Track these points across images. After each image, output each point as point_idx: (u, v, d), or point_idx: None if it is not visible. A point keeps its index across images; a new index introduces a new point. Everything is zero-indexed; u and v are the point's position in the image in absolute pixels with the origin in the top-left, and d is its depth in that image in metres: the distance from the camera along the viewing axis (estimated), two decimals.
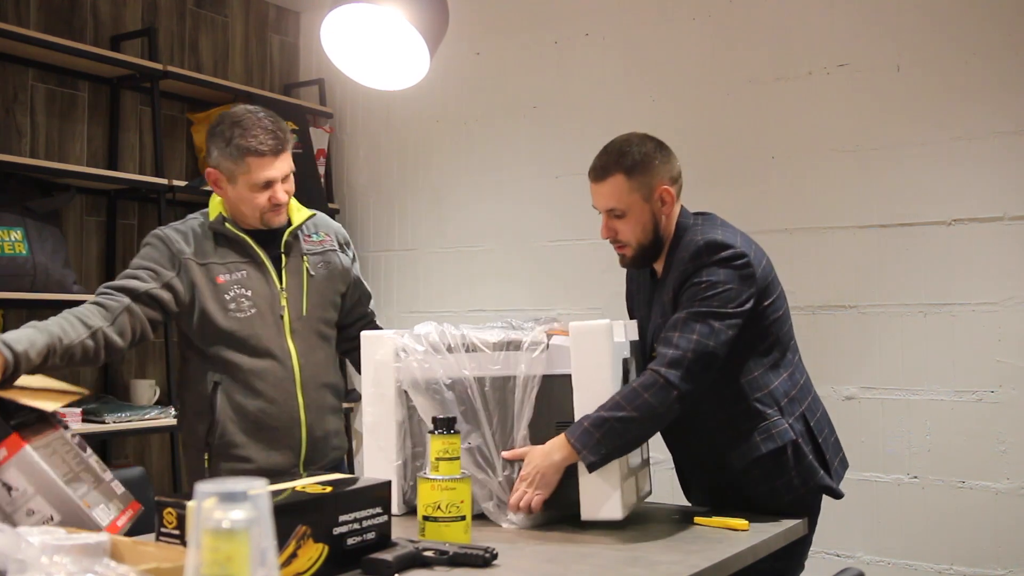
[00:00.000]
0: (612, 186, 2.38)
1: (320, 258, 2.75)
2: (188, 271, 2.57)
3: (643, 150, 2.40)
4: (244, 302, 2.60)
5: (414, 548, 1.83)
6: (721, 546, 2.03)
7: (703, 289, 2.28)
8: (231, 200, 2.62)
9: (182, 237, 2.61)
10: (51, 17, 4.07)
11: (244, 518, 0.90)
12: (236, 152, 2.53)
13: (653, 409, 2.17)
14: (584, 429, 2.16)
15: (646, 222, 2.40)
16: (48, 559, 1.33)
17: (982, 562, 3.33)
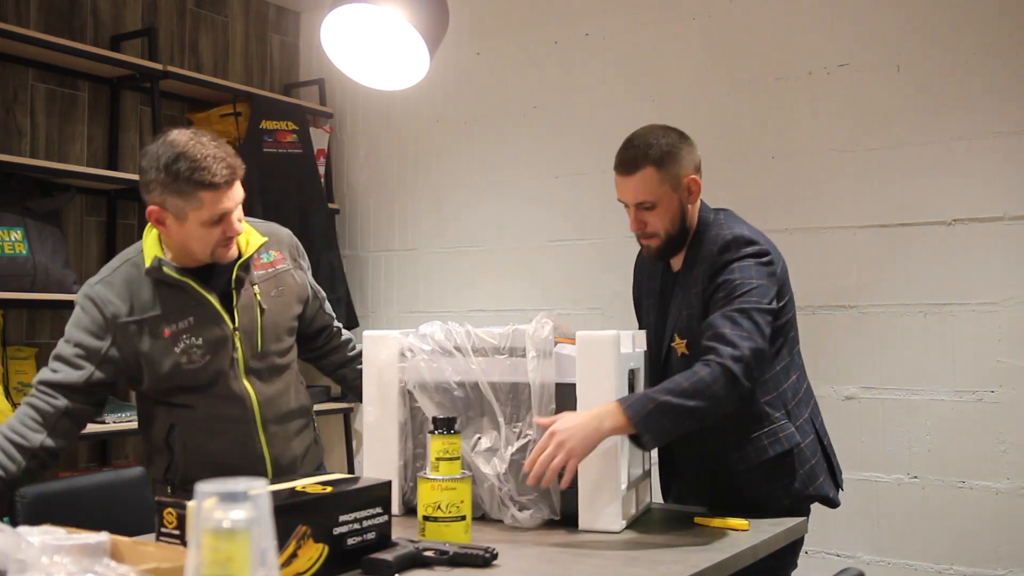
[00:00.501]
0: (642, 179, 2.40)
1: (273, 284, 2.52)
2: (126, 335, 2.35)
3: (669, 141, 2.43)
4: (195, 352, 2.37)
5: (414, 548, 1.83)
6: (721, 546, 2.03)
7: (739, 285, 2.28)
8: (177, 239, 2.35)
9: (116, 294, 2.36)
10: (51, 17, 4.07)
11: (244, 518, 0.90)
12: (187, 187, 2.25)
13: (719, 403, 2.15)
14: (649, 411, 2.10)
15: (675, 213, 2.43)
16: (48, 559, 1.33)
17: (982, 562, 3.33)
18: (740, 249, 2.34)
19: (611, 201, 4.14)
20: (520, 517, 2.20)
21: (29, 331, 3.95)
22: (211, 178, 2.24)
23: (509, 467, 2.23)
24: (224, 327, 2.40)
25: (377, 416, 2.37)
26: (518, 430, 2.24)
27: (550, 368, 2.23)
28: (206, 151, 2.26)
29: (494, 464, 2.24)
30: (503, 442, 2.25)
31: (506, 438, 2.25)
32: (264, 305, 2.47)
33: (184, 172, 2.24)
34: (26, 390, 3.79)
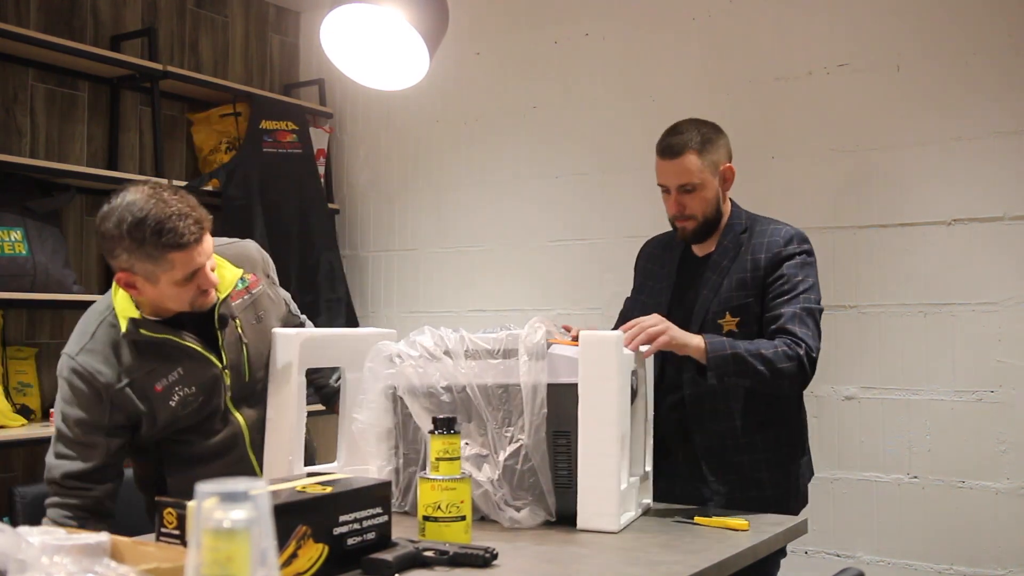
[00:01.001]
0: (688, 163, 2.60)
1: (251, 312, 2.47)
2: (122, 399, 2.28)
3: (708, 130, 2.66)
4: (190, 400, 2.33)
5: (414, 548, 1.83)
6: (721, 546, 2.03)
7: (801, 281, 2.53)
8: (151, 300, 2.27)
9: (101, 361, 2.27)
10: (51, 17, 4.07)
11: (244, 518, 0.90)
12: (156, 251, 2.15)
13: (781, 382, 2.41)
14: (724, 356, 2.35)
15: (713, 197, 2.64)
16: (48, 559, 1.33)
17: (982, 562, 3.33)
18: (802, 245, 2.59)
19: (611, 201, 4.17)
20: (519, 516, 2.20)
21: (29, 331, 3.95)
22: (179, 239, 2.14)
23: (503, 472, 2.22)
24: (213, 368, 2.36)
25: (366, 422, 2.36)
26: (510, 434, 2.24)
27: (542, 370, 2.23)
28: (170, 209, 2.14)
29: (486, 470, 2.23)
30: (492, 447, 2.24)
31: (496, 443, 2.24)
32: (246, 338, 2.42)
33: (151, 236, 2.13)
34: (26, 390, 3.79)
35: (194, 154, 4.63)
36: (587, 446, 2.19)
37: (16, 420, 3.60)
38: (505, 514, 2.21)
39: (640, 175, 4.06)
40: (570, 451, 2.22)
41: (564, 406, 2.22)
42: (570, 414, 2.22)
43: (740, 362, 2.36)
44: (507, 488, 2.22)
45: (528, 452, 2.21)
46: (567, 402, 2.22)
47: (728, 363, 2.36)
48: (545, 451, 2.21)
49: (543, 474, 2.21)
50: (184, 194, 2.23)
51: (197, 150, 4.61)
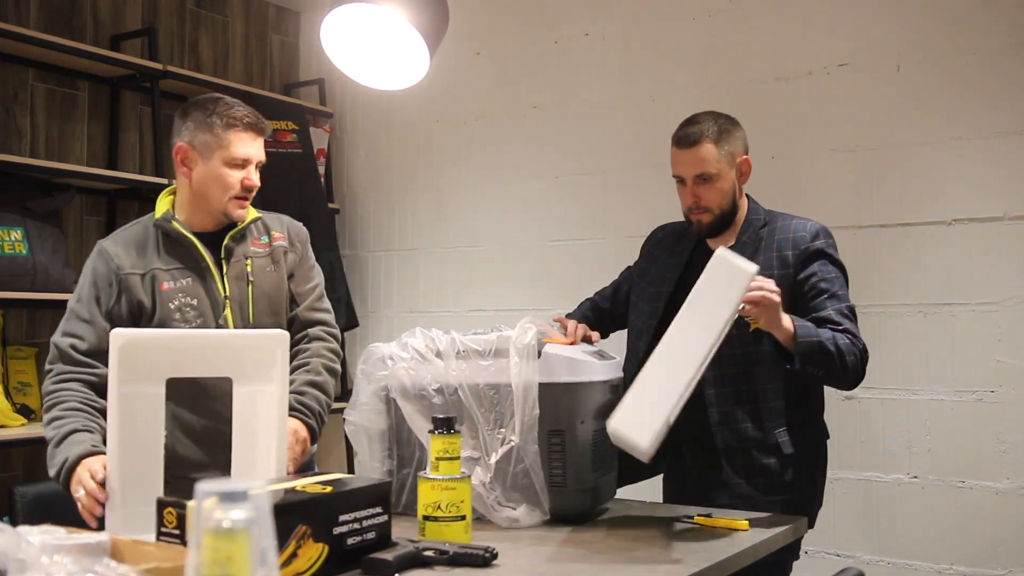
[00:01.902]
0: (704, 152, 2.54)
1: (268, 260, 2.56)
2: (129, 286, 2.40)
3: (725, 121, 2.61)
4: (189, 312, 2.42)
5: (414, 548, 1.83)
6: (722, 546, 2.03)
7: (836, 278, 2.50)
8: (197, 183, 2.46)
9: (123, 248, 2.44)
10: (51, 17, 4.07)
11: (244, 518, 0.91)
12: (219, 122, 2.43)
13: (847, 374, 2.36)
14: (810, 343, 2.26)
15: (729, 189, 2.58)
16: (48, 559, 1.33)
17: (982, 562, 3.33)
18: (828, 240, 2.56)
19: (611, 201, 4.16)
20: (516, 514, 2.20)
21: (29, 331, 3.95)
22: (242, 119, 2.45)
23: (495, 475, 2.22)
24: (216, 293, 2.46)
25: (358, 424, 2.36)
26: (502, 436, 2.23)
27: (534, 370, 2.22)
28: (239, 103, 2.50)
29: (477, 472, 2.23)
30: (484, 449, 2.24)
31: (488, 445, 2.24)
32: (252, 278, 2.50)
33: (220, 110, 2.44)
34: (26, 390, 3.79)
35: None
36: (666, 354, 2.07)
37: (16, 420, 3.60)
38: (501, 514, 2.20)
39: (640, 175, 4.07)
40: (564, 451, 2.22)
41: (558, 405, 2.22)
42: (564, 413, 2.22)
43: (823, 352, 2.28)
44: (499, 490, 2.22)
45: (520, 453, 2.20)
46: (561, 401, 2.22)
47: (812, 349, 2.27)
48: (537, 451, 2.20)
49: (536, 474, 2.20)
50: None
51: None
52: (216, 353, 2.11)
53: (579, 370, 2.25)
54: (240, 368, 2.08)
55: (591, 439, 2.26)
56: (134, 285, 2.41)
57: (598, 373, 2.30)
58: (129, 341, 1.96)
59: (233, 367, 2.08)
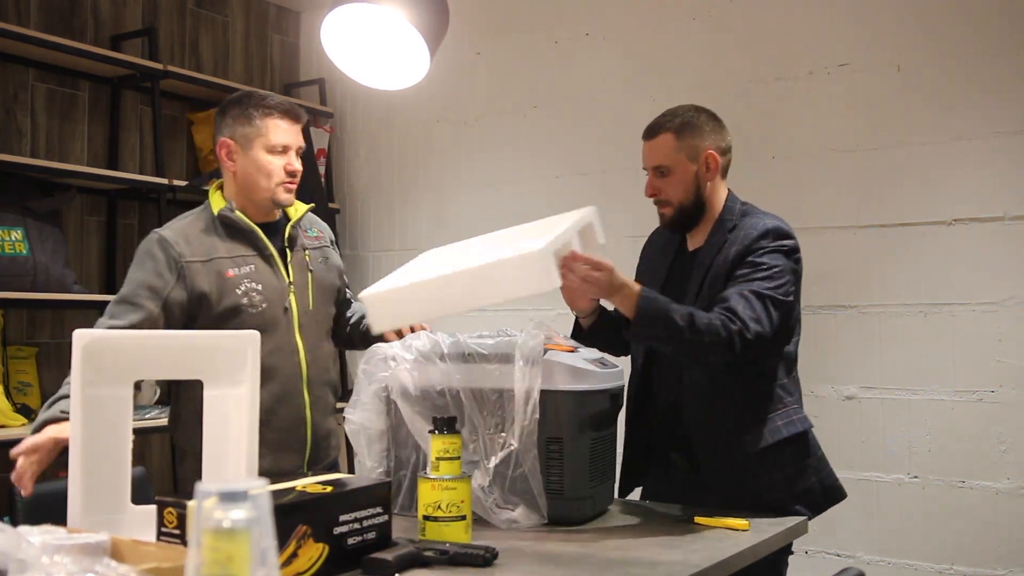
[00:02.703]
0: (661, 143, 2.50)
1: (319, 253, 2.72)
2: (190, 274, 2.46)
3: (693, 115, 2.52)
4: (256, 296, 2.52)
5: (414, 548, 1.83)
6: (722, 546, 2.02)
7: (766, 270, 2.36)
8: (242, 174, 2.56)
9: (183, 238, 2.51)
10: (51, 17, 4.07)
11: (244, 518, 0.90)
12: (256, 113, 2.54)
13: (705, 354, 2.26)
14: (653, 315, 2.20)
15: (688, 183, 2.49)
16: (49, 559, 1.32)
17: (982, 562, 3.33)
18: (778, 240, 2.43)
19: (612, 201, 4.16)
20: (515, 516, 2.20)
21: (29, 331, 3.95)
22: (277, 107, 2.55)
23: (493, 478, 2.22)
24: (280, 279, 2.58)
25: (358, 424, 2.35)
26: (502, 440, 2.23)
27: (537, 375, 2.22)
28: (273, 95, 2.62)
29: (476, 476, 2.22)
30: (484, 452, 2.23)
31: (488, 448, 2.23)
32: (312, 267, 2.66)
33: (255, 101, 2.55)
34: (27, 390, 3.79)
35: (194, 154, 4.63)
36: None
37: (16, 420, 3.60)
38: (500, 516, 2.20)
39: (640, 175, 4.05)
40: (562, 458, 2.22)
41: (557, 412, 2.21)
42: (563, 420, 2.21)
43: (668, 324, 2.20)
44: (497, 493, 2.21)
45: (519, 458, 2.20)
46: (561, 408, 2.21)
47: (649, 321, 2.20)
48: (536, 457, 2.20)
49: (534, 479, 2.20)
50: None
51: (197, 150, 4.61)
52: (185, 354, 2.01)
53: (580, 378, 2.24)
54: (210, 370, 1.98)
55: (590, 448, 2.26)
56: (196, 273, 2.47)
57: (599, 381, 2.28)
58: (93, 342, 1.85)
59: (203, 368, 1.99)
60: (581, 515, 2.25)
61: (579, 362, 2.27)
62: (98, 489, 1.85)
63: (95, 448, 1.85)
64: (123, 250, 4.31)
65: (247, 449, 1.96)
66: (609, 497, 2.42)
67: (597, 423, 2.29)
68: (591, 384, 2.26)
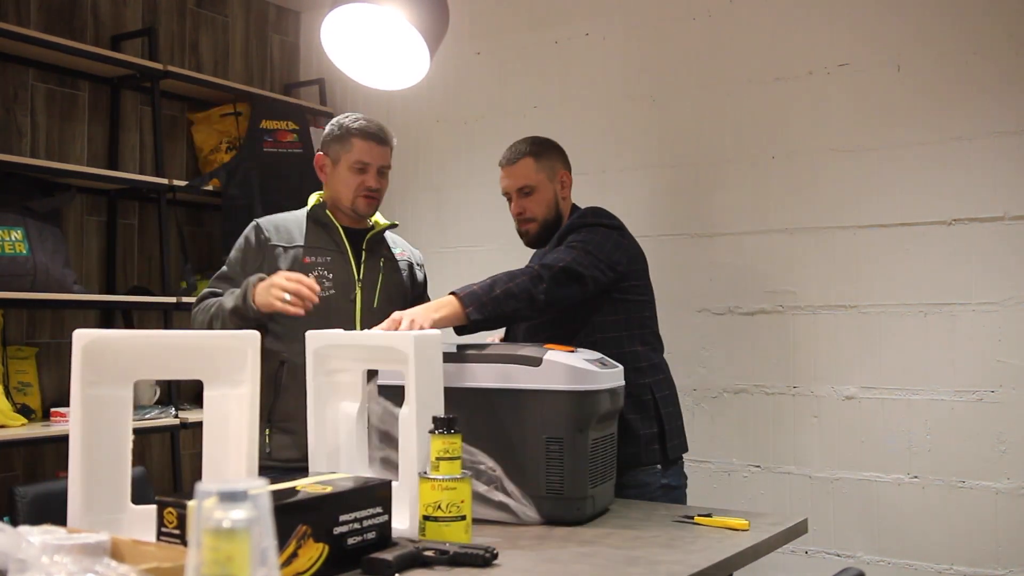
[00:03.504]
0: (523, 167, 2.89)
1: (396, 265, 2.98)
2: (273, 256, 2.80)
3: (542, 141, 2.95)
4: (325, 282, 2.79)
5: (414, 548, 1.83)
6: (721, 546, 2.03)
7: (581, 236, 2.72)
8: (331, 185, 2.89)
9: (273, 226, 2.86)
10: (51, 17, 4.07)
11: (244, 518, 0.91)
12: (345, 133, 2.85)
13: (527, 291, 2.52)
14: (472, 291, 2.45)
15: (550, 200, 2.90)
16: (49, 558, 1.32)
17: (982, 562, 3.33)
18: (597, 218, 2.81)
19: (611, 201, 4.15)
20: (517, 508, 2.21)
21: (29, 331, 3.95)
22: (365, 129, 2.85)
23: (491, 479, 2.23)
24: (351, 274, 2.86)
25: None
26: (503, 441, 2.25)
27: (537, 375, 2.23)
28: (366, 116, 2.90)
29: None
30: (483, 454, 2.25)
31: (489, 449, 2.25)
32: (384, 273, 2.92)
33: (349, 123, 2.87)
34: (27, 390, 3.80)
35: (194, 154, 4.63)
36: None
37: (16, 420, 3.60)
38: (511, 505, 2.21)
39: (640, 175, 4.07)
40: (562, 457, 2.22)
41: (558, 413, 2.22)
42: (563, 421, 2.22)
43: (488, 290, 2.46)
44: (500, 494, 2.23)
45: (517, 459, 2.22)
46: (561, 408, 2.22)
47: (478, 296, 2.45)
48: (538, 457, 2.21)
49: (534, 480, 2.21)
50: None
51: (197, 150, 4.61)
52: (185, 354, 2.02)
53: (580, 378, 2.25)
54: (211, 370, 1.99)
55: (590, 448, 2.26)
56: (278, 255, 2.81)
57: (599, 381, 2.29)
58: (93, 341, 1.86)
59: (203, 369, 2.00)
60: (581, 515, 2.26)
61: (579, 362, 2.27)
62: (98, 489, 1.86)
63: (95, 448, 1.87)
64: (123, 250, 4.31)
65: (247, 450, 1.97)
66: (609, 497, 2.43)
67: (597, 423, 2.29)
68: (591, 384, 2.26)
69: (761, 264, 3.76)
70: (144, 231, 4.41)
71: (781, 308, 3.72)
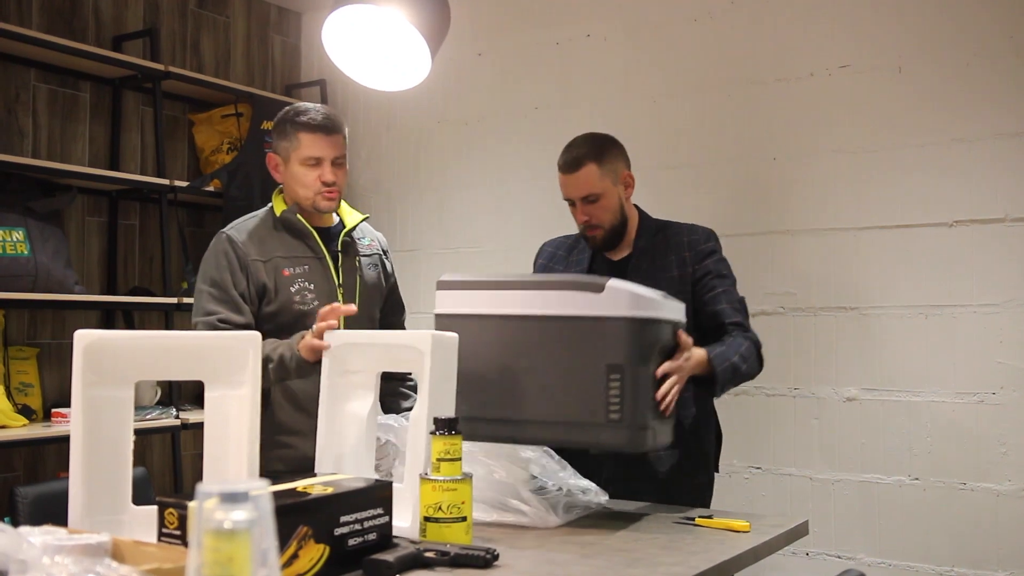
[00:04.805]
0: (586, 175, 2.69)
1: (370, 260, 2.86)
2: (255, 273, 2.65)
3: (601, 141, 2.75)
4: (308, 295, 2.68)
5: (415, 549, 1.83)
6: (722, 547, 2.03)
7: (727, 275, 2.71)
8: (288, 185, 2.73)
9: (247, 237, 2.69)
10: (53, 18, 4.07)
11: (245, 519, 0.91)
12: (290, 128, 2.68)
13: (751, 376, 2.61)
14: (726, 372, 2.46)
15: (615, 205, 2.74)
16: (50, 559, 1.32)
17: (983, 564, 3.32)
18: (718, 243, 2.77)
19: None
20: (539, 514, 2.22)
21: (31, 331, 3.95)
22: (308, 120, 2.66)
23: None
24: (331, 281, 2.73)
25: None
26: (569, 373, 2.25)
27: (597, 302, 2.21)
28: (312, 106, 2.73)
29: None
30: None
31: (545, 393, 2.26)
32: (362, 272, 2.80)
33: (290, 117, 2.69)
34: (28, 390, 3.79)
35: (196, 155, 4.63)
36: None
37: (17, 420, 3.59)
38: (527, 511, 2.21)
39: (641, 176, 4.05)
40: (623, 384, 2.17)
41: (618, 339, 2.18)
42: (623, 348, 2.17)
43: (737, 373, 2.51)
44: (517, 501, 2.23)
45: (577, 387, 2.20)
46: (621, 335, 2.18)
47: (730, 378, 2.49)
48: (599, 385, 2.18)
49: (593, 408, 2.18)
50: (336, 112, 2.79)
51: (199, 151, 4.61)
52: (186, 355, 2.02)
53: (643, 306, 2.21)
54: (211, 371, 1.99)
55: (651, 377, 2.24)
56: (259, 270, 2.65)
57: (661, 311, 2.27)
58: (95, 342, 1.86)
59: (204, 369, 2.00)
60: (640, 445, 2.21)
61: (641, 290, 2.23)
62: (99, 490, 1.86)
63: (96, 449, 1.86)
64: (124, 251, 4.31)
65: (248, 450, 1.96)
66: (669, 435, 2.37)
67: (659, 353, 2.27)
68: (653, 312, 2.23)
69: (762, 265, 3.76)
70: (145, 232, 4.40)
71: (782, 310, 3.72)
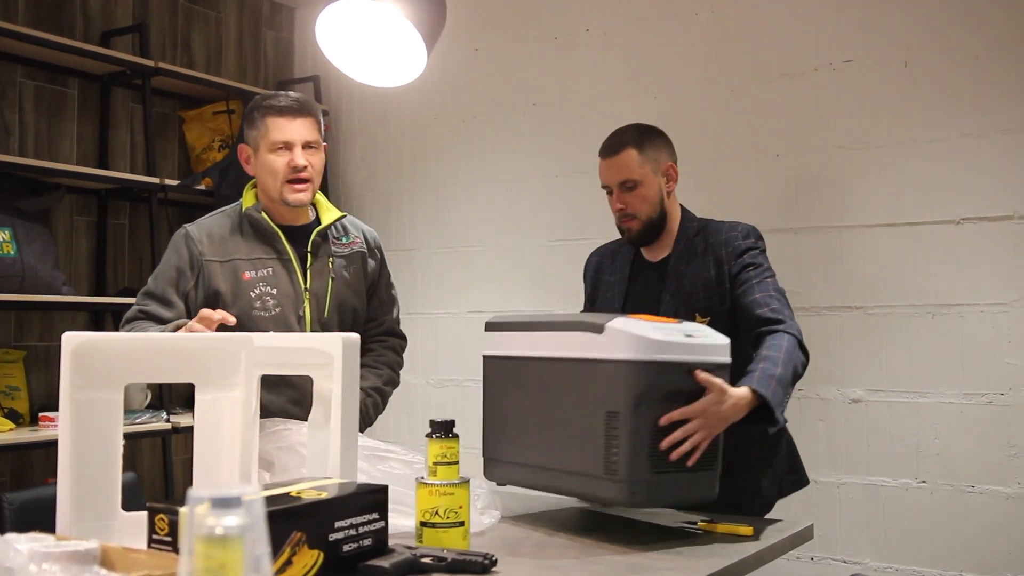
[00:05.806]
0: (625, 159, 2.60)
1: (346, 260, 2.69)
2: (208, 274, 2.53)
3: (647, 129, 2.68)
4: (269, 300, 2.56)
5: (411, 555, 1.80)
6: (726, 552, 2.00)
7: (767, 269, 2.55)
8: (259, 177, 2.61)
9: (206, 235, 2.58)
10: (40, 13, 4.04)
11: (237, 524, 0.91)
12: (256, 114, 2.58)
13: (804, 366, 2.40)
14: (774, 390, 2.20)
15: (655, 196, 2.62)
16: (37, 567, 1.32)
17: (992, 568, 3.30)
18: (758, 240, 2.61)
19: None
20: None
21: (17, 333, 3.92)
22: (274, 103, 2.57)
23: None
24: (297, 285, 2.60)
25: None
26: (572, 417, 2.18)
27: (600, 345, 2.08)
28: (283, 93, 2.64)
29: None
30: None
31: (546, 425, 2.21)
32: (334, 275, 2.65)
33: (257, 104, 2.60)
34: (14, 394, 3.75)
35: (186, 152, 4.60)
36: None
37: (4, 425, 3.57)
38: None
39: None
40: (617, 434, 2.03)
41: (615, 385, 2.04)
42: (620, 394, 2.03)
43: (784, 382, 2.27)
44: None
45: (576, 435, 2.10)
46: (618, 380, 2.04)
47: (780, 394, 2.24)
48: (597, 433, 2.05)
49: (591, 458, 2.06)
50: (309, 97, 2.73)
51: (189, 148, 4.58)
52: (176, 357, 1.99)
53: (643, 348, 2.03)
54: (203, 373, 1.96)
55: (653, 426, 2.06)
56: (214, 272, 2.53)
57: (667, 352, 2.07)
58: (83, 344, 1.85)
59: (195, 372, 1.96)
60: (635, 500, 2.08)
61: (647, 331, 2.06)
62: (88, 495, 1.85)
63: (85, 453, 1.85)
64: (113, 250, 4.27)
65: (240, 454, 1.92)
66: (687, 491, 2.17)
67: (665, 399, 2.07)
68: (655, 355, 2.05)
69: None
70: (135, 231, 4.36)
71: None
